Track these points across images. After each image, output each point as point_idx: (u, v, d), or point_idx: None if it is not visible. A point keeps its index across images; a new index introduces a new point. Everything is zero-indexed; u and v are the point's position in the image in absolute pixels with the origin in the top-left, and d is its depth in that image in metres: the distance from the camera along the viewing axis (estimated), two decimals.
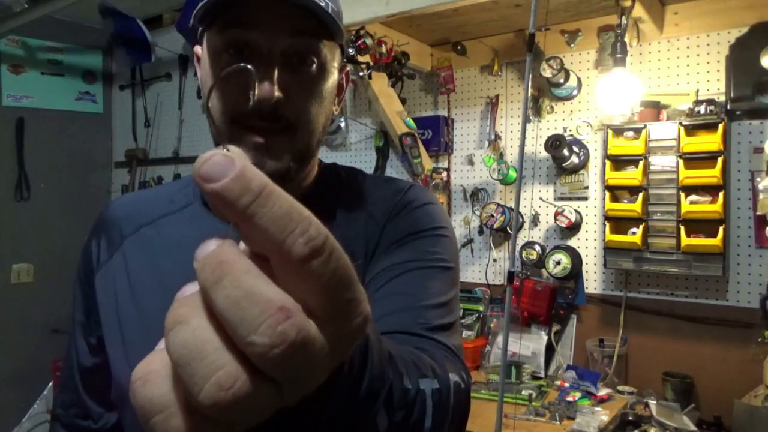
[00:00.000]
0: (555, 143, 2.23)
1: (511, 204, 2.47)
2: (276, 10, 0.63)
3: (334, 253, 0.25)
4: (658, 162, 2.03)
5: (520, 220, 2.43)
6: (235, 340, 0.23)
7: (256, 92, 0.62)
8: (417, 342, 0.59)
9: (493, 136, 2.55)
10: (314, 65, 0.67)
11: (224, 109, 0.66)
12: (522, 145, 1.64)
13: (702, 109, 1.96)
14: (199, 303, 0.25)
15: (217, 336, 0.24)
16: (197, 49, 0.74)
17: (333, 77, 0.71)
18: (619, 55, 1.97)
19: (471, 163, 2.63)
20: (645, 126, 2.05)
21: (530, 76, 1.62)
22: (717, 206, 1.91)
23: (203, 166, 0.24)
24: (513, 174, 2.43)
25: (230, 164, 0.24)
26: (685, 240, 1.94)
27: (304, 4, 0.62)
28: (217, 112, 0.67)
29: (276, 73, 0.64)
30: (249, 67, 0.36)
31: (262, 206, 0.24)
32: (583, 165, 2.32)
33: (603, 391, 2.02)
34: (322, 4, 0.63)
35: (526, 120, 1.63)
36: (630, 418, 1.88)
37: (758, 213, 1.91)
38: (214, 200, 0.24)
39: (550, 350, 2.30)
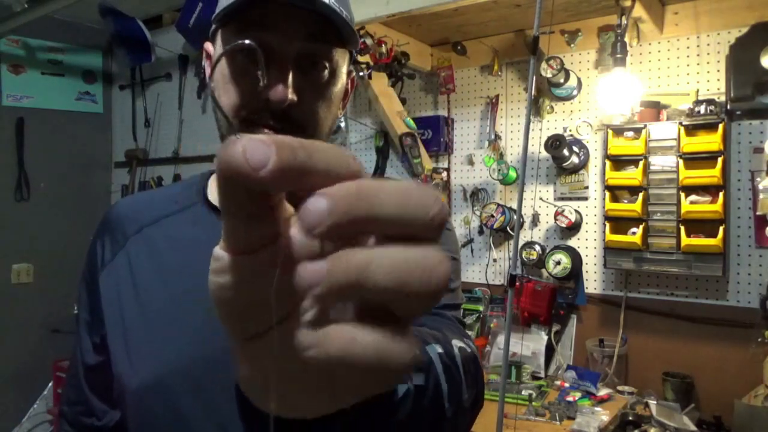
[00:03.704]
0: (555, 143, 2.23)
1: (511, 204, 2.47)
2: (293, 14, 0.64)
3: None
4: (658, 162, 2.03)
5: (521, 220, 2.43)
6: (415, 228, 0.25)
7: (264, 74, 0.63)
8: (421, 318, 0.61)
9: (493, 136, 2.55)
10: (326, 70, 0.68)
11: (235, 104, 0.67)
12: (525, 147, 1.64)
13: (702, 109, 1.96)
14: (351, 246, 0.25)
15: (395, 244, 0.25)
16: (209, 47, 0.75)
17: (342, 82, 0.73)
18: (619, 55, 1.97)
19: (471, 163, 2.63)
20: (645, 126, 2.05)
21: (534, 78, 1.62)
22: (717, 206, 1.91)
23: (249, 157, 0.23)
24: (513, 174, 2.43)
25: (263, 141, 0.23)
26: (685, 240, 1.94)
27: (321, 11, 0.63)
28: (228, 109, 0.67)
29: (290, 75, 0.65)
30: (252, 43, 0.37)
31: (315, 152, 0.24)
32: (583, 165, 2.32)
33: (603, 391, 2.02)
34: (338, 11, 0.64)
35: (529, 122, 1.63)
36: (630, 418, 1.88)
37: (758, 213, 1.91)
38: (276, 179, 0.23)
39: (550, 350, 2.30)
